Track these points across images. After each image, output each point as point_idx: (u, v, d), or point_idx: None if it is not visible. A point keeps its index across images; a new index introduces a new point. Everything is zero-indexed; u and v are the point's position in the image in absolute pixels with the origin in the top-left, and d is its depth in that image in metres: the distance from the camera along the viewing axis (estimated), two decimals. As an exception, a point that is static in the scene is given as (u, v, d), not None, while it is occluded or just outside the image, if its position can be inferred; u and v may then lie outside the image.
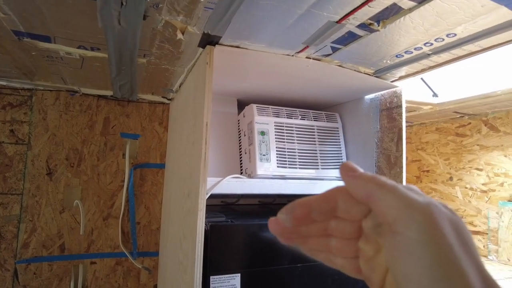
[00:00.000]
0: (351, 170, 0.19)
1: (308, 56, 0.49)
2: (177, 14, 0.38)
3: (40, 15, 0.39)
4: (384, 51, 0.47)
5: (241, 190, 0.55)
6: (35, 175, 0.72)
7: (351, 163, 0.20)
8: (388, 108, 0.61)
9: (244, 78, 0.60)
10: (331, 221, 0.19)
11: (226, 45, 0.45)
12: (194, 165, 0.46)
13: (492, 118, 0.89)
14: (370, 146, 0.64)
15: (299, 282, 0.49)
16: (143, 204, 0.80)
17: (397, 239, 0.15)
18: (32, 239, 0.71)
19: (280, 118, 0.65)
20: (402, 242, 0.15)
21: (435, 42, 0.43)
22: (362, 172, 0.19)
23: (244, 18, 0.38)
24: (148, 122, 0.82)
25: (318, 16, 0.37)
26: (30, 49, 0.50)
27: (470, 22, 0.38)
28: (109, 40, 0.45)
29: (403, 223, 0.15)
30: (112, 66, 0.55)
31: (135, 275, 0.78)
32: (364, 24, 0.39)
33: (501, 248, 0.83)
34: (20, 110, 0.73)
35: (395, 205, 0.16)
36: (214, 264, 0.45)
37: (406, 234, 0.15)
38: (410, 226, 0.15)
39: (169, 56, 0.50)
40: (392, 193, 0.16)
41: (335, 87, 0.63)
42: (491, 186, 0.88)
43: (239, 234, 0.47)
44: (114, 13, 0.37)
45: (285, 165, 0.62)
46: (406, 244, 0.15)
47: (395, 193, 0.16)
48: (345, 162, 0.21)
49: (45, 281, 0.71)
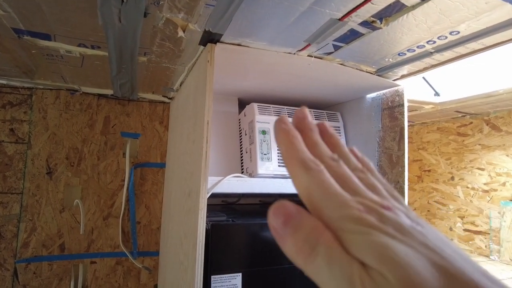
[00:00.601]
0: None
1: (309, 55, 0.49)
2: (178, 12, 0.37)
3: (40, 12, 0.38)
4: (386, 49, 0.46)
5: (242, 190, 0.54)
6: (35, 174, 0.72)
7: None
8: (390, 107, 0.60)
9: (245, 77, 0.60)
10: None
11: (227, 43, 0.45)
12: (195, 164, 0.46)
13: (494, 118, 0.89)
14: (372, 145, 0.63)
15: (300, 281, 0.49)
16: (144, 204, 0.80)
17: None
18: (32, 239, 0.71)
19: (281, 117, 0.65)
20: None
21: (438, 40, 0.43)
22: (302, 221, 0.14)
23: (245, 15, 0.38)
24: (148, 121, 0.82)
25: (320, 13, 0.37)
26: (30, 47, 0.49)
27: (473, 19, 0.37)
28: (110, 38, 0.44)
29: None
30: (113, 65, 0.55)
31: (136, 274, 0.78)
32: (367, 21, 0.39)
33: (503, 248, 0.83)
34: (20, 109, 0.72)
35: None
36: (215, 264, 0.44)
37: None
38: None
39: (170, 54, 0.50)
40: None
41: (336, 86, 0.63)
42: (493, 185, 0.88)
43: (240, 233, 0.47)
44: (114, 11, 0.37)
45: (286, 164, 0.62)
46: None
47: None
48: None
49: (45, 281, 0.71)
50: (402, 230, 0.13)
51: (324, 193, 0.14)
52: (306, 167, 0.15)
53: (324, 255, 0.12)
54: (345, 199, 0.14)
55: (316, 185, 0.14)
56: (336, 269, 0.12)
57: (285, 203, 0.14)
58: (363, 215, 0.13)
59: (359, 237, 0.12)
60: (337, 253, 0.12)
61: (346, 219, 0.13)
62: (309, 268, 0.13)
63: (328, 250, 0.12)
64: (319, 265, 0.13)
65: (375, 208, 0.14)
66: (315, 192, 0.14)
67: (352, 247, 0.12)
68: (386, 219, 0.13)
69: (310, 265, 0.13)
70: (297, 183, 0.15)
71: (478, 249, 0.90)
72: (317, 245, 0.13)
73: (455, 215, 0.97)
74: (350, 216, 0.13)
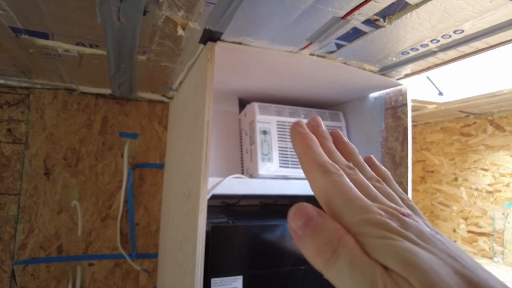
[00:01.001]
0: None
1: (311, 53, 0.48)
2: (178, 10, 0.37)
3: (38, 11, 0.38)
4: (390, 48, 0.46)
5: (242, 191, 0.53)
6: (33, 175, 0.71)
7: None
8: (393, 106, 0.59)
9: (246, 76, 0.59)
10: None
11: (228, 41, 0.44)
12: (194, 165, 0.45)
13: (498, 118, 0.88)
14: (375, 145, 0.63)
15: (302, 284, 0.48)
16: (142, 205, 0.79)
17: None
18: (30, 240, 0.70)
19: (283, 117, 0.64)
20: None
21: (442, 38, 0.42)
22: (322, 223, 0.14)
23: (246, 13, 0.37)
24: (147, 121, 0.81)
25: (323, 11, 0.36)
26: (28, 46, 0.49)
27: (478, 18, 0.37)
28: (108, 37, 0.44)
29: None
30: (111, 64, 0.54)
31: (134, 277, 0.77)
32: (370, 20, 0.38)
33: (507, 249, 0.82)
34: (17, 109, 0.72)
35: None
36: (216, 266, 0.44)
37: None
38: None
39: (169, 53, 0.49)
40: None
41: (339, 85, 0.62)
42: (496, 186, 0.87)
43: (241, 235, 0.46)
44: (113, 9, 0.36)
45: (288, 165, 0.61)
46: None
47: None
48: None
49: (42, 283, 0.70)
50: (423, 237, 0.13)
51: (345, 197, 0.14)
52: (326, 170, 0.15)
53: (345, 258, 0.12)
54: (366, 204, 0.14)
55: (336, 189, 0.14)
56: (358, 272, 0.12)
57: (305, 205, 0.14)
58: (385, 220, 0.13)
59: (381, 242, 0.12)
60: (359, 256, 0.12)
61: (368, 223, 0.13)
62: (329, 270, 0.13)
63: (349, 253, 0.13)
64: (340, 267, 0.13)
65: (396, 214, 0.14)
66: (335, 196, 0.14)
67: (374, 251, 0.12)
68: (407, 225, 0.13)
69: (330, 267, 0.13)
70: (315, 186, 0.15)
71: (481, 250, 0.89)
72: (338, 248, 0.13)
73: (458, 216, 0.96)
74: (372, 221, 0.13)
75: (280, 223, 0.50)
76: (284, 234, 0.49)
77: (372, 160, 0.20)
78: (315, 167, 0.16)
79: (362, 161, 0.18)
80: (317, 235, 0.13)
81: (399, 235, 0.12)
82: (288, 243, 0.49)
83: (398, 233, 0.13)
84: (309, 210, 0.14)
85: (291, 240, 0.49)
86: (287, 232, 0.49)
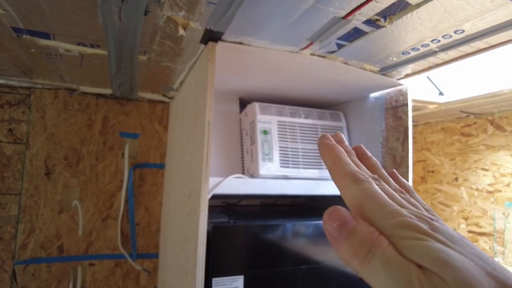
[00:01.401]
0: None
1: (312, 53, 0.48)
2: (179, 10, 0.37)
3: (40, 11, 0.38)
4: (390, 48, 0.46)
5: (243, 191, 0.53)
6: (34, 175, 0.71)
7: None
8: (394, 106, 0.60)
9: (246, 76, 0.59)
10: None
11: (229, 41, 0.44)
12: (195, 165, 0.45)
13: (498, 118, 0.88)
14: (375, 145, 0.63)
15: (303, 284, 0.48)
16: (143, 205, 0.79)
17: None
18: (31, 240, 0.70)
19: (283, 116, 0.64)
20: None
21: (442, 39, 0.42)
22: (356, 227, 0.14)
23: (247, 13, 0.37)
24: (147, 121, 0.81)
25: (324, 11, 0.36)
26: (29, 46, 0.49)
27: (478, 18, 0.37)
28: (109, 37, 0.44)
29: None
30: (112, 64, 0.54)
31: (135, 277, 0.77)
32: (370, 20, 0.38)
33: (507, 249, 0.82)
34: (18, 109, 0.72)
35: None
36: (216, 266, 0.44)
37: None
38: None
39: (170, 53, 0.49)
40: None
41: (339, 85, 0.62)
42: (497, 186, 0.87)
43: (242, 235, 0.46)
44: (114, 9, 0.36)
45: (288, 165, 0.61)
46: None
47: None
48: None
49: (43, 283, 0.70)
50: (453, 240, 0.13)
51: (376, 203, 0.15)
52: (356, 179, 0.16)
53: (380, 257, 0.13)
54: (397, 208, 0.15)
55: (367, 195, 0.15)
56: (393, 270, 0.13)
57: (340, 208, 0.15)
58: (416, 222, 0.14)
59: (414, 242, 0.13)
60: (393, 256, 0.13)
61: (400, 226, 0.14)
62: (364, 269, 0.14)
63: (384, 253, 0.13)
64: (375, 266, 0.13)
65: (425, 218, 0.15)
66: (366, 202, 0.15)
67: (408, 251, 0.13)
68: (436, 228, 0.14)
69: (365, 266, 0.14)
70: (346, 194, 0.16)
71: (482, 250, 0.89)
72: (372, 248, 0.14)
73: (459, 216, 0.96)
74: (404, 224, 0.14)
75: (281, 223, 0.50)
76: (285, 234, 0.49)
77: (395, 174, 0.21)
78: (346, 176, 0.17)
79: (386, 174, 0.20)
80: (352, 237, 0.14)
81: (431, 236, 0.13)
82: (289, 243, 0.49)
83: (429, 235, 0.13)
84: (344, 213, 0.15)
85: (292, 239, 0.49)
86: (288, 232, 0.49)
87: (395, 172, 0.21)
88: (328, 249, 0.51)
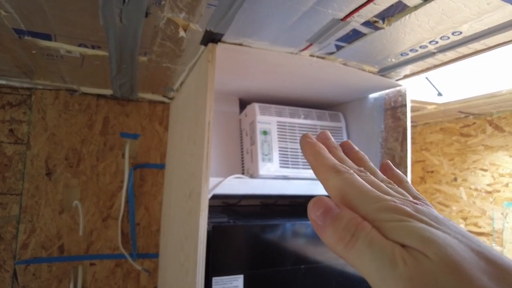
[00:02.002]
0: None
1: (311, 54, 0.49)
2: (180, 11, 0.37)
3: (42, 13, 0.38)
4: (389, 49, 0.46)
5: (243, 191, 0.54)
6: (34, 175, 0.72)
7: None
8: (393, 107, 0.60)
9: (246, 77, 0.59)
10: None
11: (229, 42, 0.44)
12: (196, 165, 0.46)
13: (497, 118, 0.88)
14: (374, 146, 0.63)
15: (302, 283, 0.49)
16: (143, 205, 0.79)
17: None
18: (31, 240, 0.70)
19: (283, 117, 0.64)
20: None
21: (440, 40, 0.43)
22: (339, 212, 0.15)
23: (247, 15, 0.37)
24: (148, 122, 0.81)
25: (323, 13, 0.37)
26: (30, 48, 0.49)
27: (476, 20, 0.37)
28: (110, 38, 0.44)
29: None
30: (113, 65, 0.55)
31: (135, 276, 0.77)
32: (369, 21, 0.38)
33: (506, 249, 0.82)
34: (19, 110, 0.72)
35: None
36: (217, 265, 0.44)
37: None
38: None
39: (171, 54, 0.50)
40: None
41: (338, 86, 0.63)
42: (496, 186, 0.88)
43: (242, 235, 0.47)
44: (116, 11, 0.37)
45: (288, 165, 0.62)
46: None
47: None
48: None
49: (44, 282, 0.70)
50: (437, 220, 0.14)
51: (359, 190, 0.15)
52: (337, 170, 0.17)
53: (364, 239, 0.13)
54: (379, 194, 0.15)
55: (349, 184, 0.16)
56: (377, 250, 0.13)
57: (323, 198, 0.16)
58: (399, 205, 0.14)
59: (397, 224, 0.13)
60: (376, 237, 0.13)
61: (383, 209, 0.14)
62: (349, 253, 0.14)
63: (368, 235, 0.14)
64: (360, 249, 0.13)
65: (408, 201, 0.15)
66: (349, 190, 0.16)
67: (391, 233, 0.13)
68: (420, 210, 0.14)
69: (350, 250, 0.14)
70: (329, 185, 0.17)
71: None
72: (356, 232, 0.14)
73: (458, 216, 0.96)
74: (387, 207, 0.14)
75: (281, 222, 0.50)
76: (284, 233, 0.49)
77: (388, 164, 0.21)
78: (327, 169, 0.17)
79: (373, 166, 0.20)
80: (336, 223, 0.15)
81: (414, 218, 0.13)
82: (288, 243, 0.49)
83: (413, 216, 0.14)
84: (327, 201, 0.15)
85: (291, 239, 0.50)
86: (287, 231, 0.50)
87: (388, 163, 0.21)
88: (327, 248, 0.51)
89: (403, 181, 0.19)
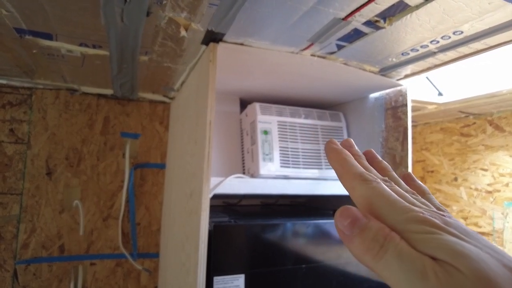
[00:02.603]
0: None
1: (312, 54, 0.49)
2: (181, 11, 0.37)
3: (43, 12, 0.38)
4: (390, 49, 0.46)
5: (244, 190, 0.54)
6: (35, 175, 0.72)
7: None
8: (393, 107, 0.60)
9: (247, 76, 0.59)
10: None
11: (230, 42, 0.44)
12: (196, 165, 0.46)
13: (497, 118, 0.88)
14: (375, 145, 0.63)
15: (303, 282, 0.49)
16: (143, 205, 0.79)
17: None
18: (32, 240, 0.70)
19: (284, 117, 0.65)
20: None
21: (441, 39, 0.43)
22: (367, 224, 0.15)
23: (248, 15, 0.37)
24: (148, 122, 0.81)
25: (324, 13, 0.37)
26: (31, 47, 0.49)
27: (477, 19, 0.37)
28: (111, 38, 0.44)
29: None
30: (113, 64, 0.55)
31: (135, 276, 0.77)
32: (370, 21, 0.38)
33: (506, 249, 0.83)
34: (19, 109, 0.72)
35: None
36: (218, 265, 0.44)
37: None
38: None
39: (172, 53, 0.50)
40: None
41: (339, 86, 0.63)
42: (496, 186, 0.88)
43: (243, 234, 0.47)
44: (117, 10, 0.37)
45: (288, 165, 0.62)
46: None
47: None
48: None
49: (44, 282, 0.70)
50: (467, 234, 0.14)
51: (387, 200, 0.15)
52: (364, 179, 0.16)
53: (393, 251, 0.13)
54: (407, 205, 0.15)
55: (377, 194, 0.16)
56: (406, 262, 0.13)
57: (350, 207, 0.15)
58: (427, 217, 0.14)
59: (427, 236, 0.13)
60: (406, 249, 0.13)
61: (411, 221, 0.14)
62: (378, 263, 0.14)
63: (397, 247, 0.13)
64: (389, 260, 0.13)
65: (436, 213, 0.15)
66: (377, 200, 0.15)
67: (421, 245, 0.13)
68: (449, 223, 0.14)
69: (379, 261, 0.14)
70: (356, 194, 0.16)
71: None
72: (385, 243, 0.14)
73: (458, 216, 0.97)
74: (415, 218, 0.14)
75: (281, 222, 0.50)
76: (285, 233, 0.49)
77: (411, 176, 0.21)
78: (353, 177, 0.17)
79: (396, 176, 0.20)
80: (364, 233, 0.14)
81: (443, 230, 0.13)
82: (289, 242, 0.49)
83: (442, 229, 0.13)
84: (354, 211, 0.15)
85: (292, 239, 0.50)
86: (288, 231, 0.50)
87: (410, 174, 0.21)
88: (328, 248, 0.51)
89: (426, 193, 0.19)
